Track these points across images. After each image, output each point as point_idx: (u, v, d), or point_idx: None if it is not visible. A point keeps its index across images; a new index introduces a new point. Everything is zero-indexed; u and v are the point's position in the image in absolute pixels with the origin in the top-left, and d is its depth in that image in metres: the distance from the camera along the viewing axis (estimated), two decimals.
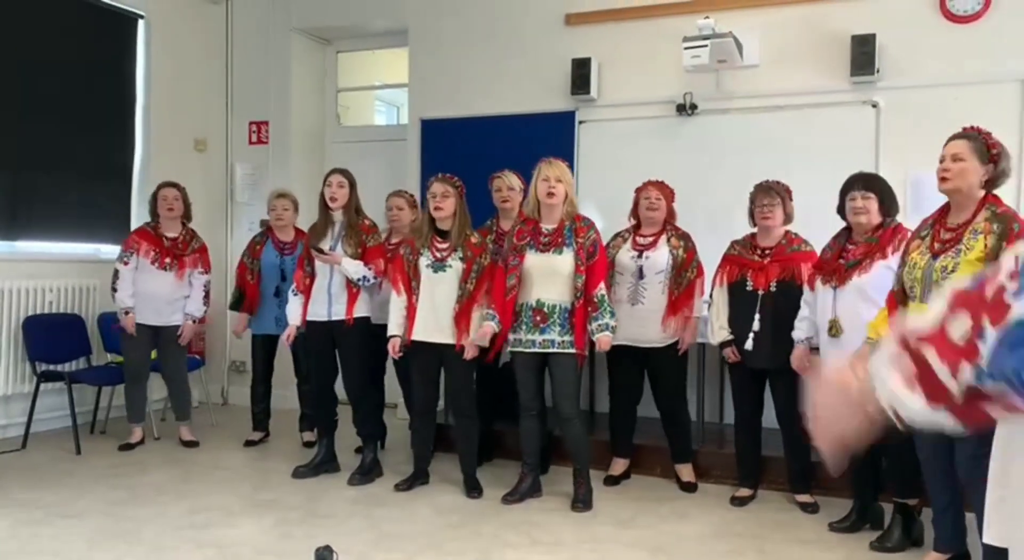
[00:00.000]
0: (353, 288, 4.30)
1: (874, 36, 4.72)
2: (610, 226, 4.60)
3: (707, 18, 4.70)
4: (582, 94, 5.38)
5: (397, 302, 4.16)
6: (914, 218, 3.61)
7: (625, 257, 4.29)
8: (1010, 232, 2.76)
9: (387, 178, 5.59)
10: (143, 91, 6.05)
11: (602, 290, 3.93)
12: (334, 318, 4.32)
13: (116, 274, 4.92)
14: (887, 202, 3.50)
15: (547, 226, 3.97)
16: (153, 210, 5.05)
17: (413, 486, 4.21)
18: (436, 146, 5.83)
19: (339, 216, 4.37)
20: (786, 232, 4.00)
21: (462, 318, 4.03)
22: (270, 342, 5.19)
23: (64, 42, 5.52)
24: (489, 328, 3.94)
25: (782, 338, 3.81)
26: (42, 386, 4.97)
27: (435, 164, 5.30)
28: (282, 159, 6.45)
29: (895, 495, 3.48)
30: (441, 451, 4.57)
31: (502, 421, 4.60)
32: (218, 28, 6.54)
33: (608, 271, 4.22)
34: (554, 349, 3.91)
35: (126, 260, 4.92)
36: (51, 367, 5.07)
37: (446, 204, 4.05)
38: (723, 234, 4.29)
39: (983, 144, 2.88)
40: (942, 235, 2.94)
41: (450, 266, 4.06)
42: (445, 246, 4.09)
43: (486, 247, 4.14)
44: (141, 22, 6.02)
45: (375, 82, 7.23)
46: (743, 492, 4.09)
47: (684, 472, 4.36)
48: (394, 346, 4.15)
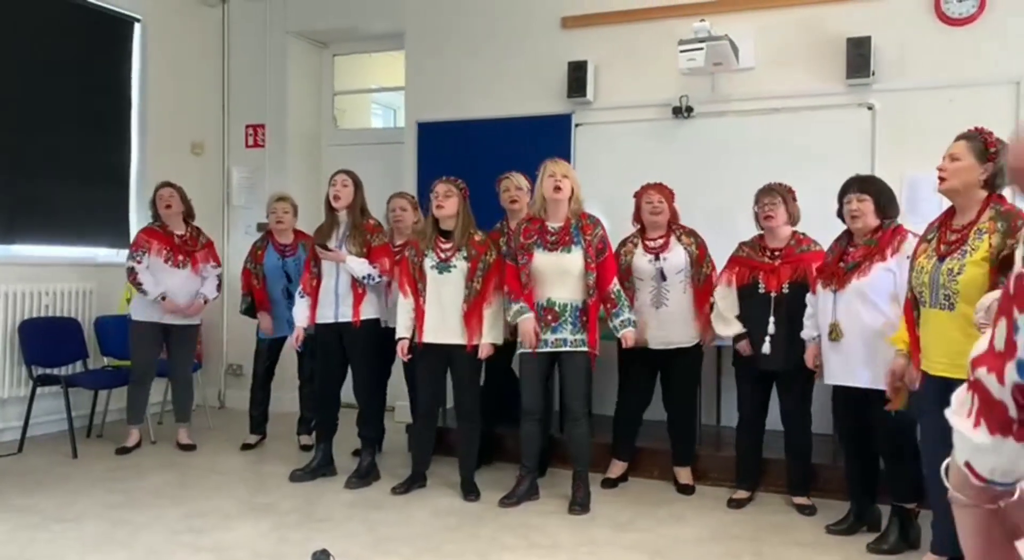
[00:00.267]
0: (359, 288, 4.30)
1: (869, 39, 4.73)
2: (608, 227, 4.59)
3: (703, 21, 4.70)
4: (578, 97, 5.38)
5: (404, 304, 4.16)
6: (910, 220, 3.63)
7: (642, 261, 4.25)
8: (1014, 229, 2.74)
9: (384, 181, 5.59)
10: (139, 94, 6.04)
11: (616, 285, 3.93)
12: (341, 319, 4.32)
13: (132, 273, 4.89)
14: (883, 203, 3.48)
15: (553, 224, 3.97)
16: (155, 211, 5.07)
17: (410, 489, 4.20)
18: (433, 149, 5.83)
19: (344, 216, 4.38)
20: (794, 233, 4.00)
21: (472, 317, 4.02)
22: (277, 345, 5.20)
23: (60, 45, 5.52)
24: (530, 322, 3.89)
25: (796, 339, 3.81)
26: (38, 390, 4.96)
27: (432, 167, 5.30)
28: (279, 162, 6.45)
29: (893, 499, 3.48)
30: (438, 454, 4.57)
31: (504, 424, 4.59)
32: (215, 31, 6.54)
33: (627, 278, 4.21)
34: (567, 348, 3.90)
35: (139, 259, 4.91)
36: (47, 371, 5.06)
37: (448, 203, 4.06)
38: (721, 236, 4.30)
39: (982, 143, 2.87)
40: (948, 237, 2.92)
41: (455, 266, 4.06)
42: (449, 246, 4.09)
43: (490, 244, 4.14)
44: (137, 25, 6.02)
45: (372, 85, 7.23)
46: (740, 494, 4.09)
47: (683, 474, 4.35)
48: (403, 348, 4.15)
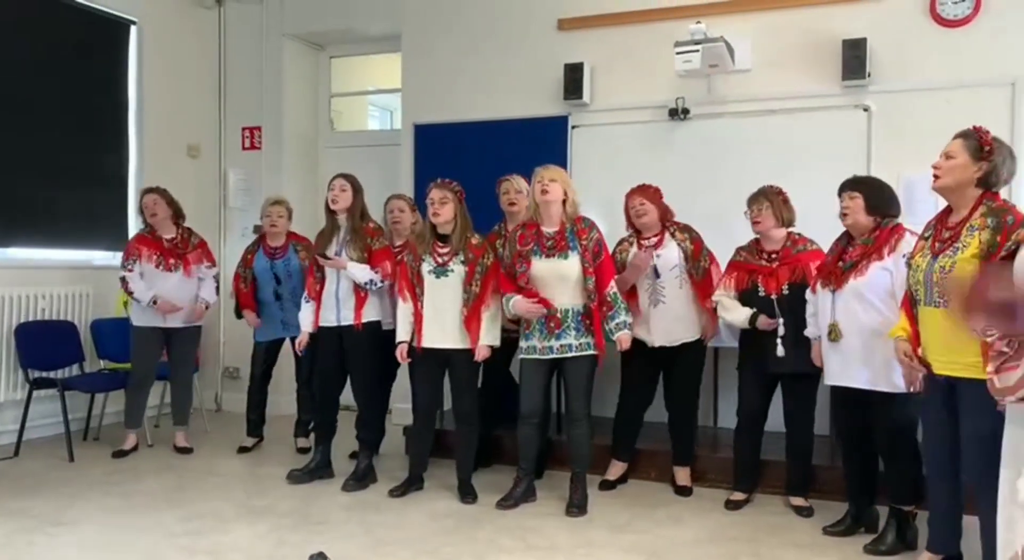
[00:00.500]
0: (361, 292, 4.30)
1: (865, 40, 4.73)
2: (605, 230, 4.57)
3: (699, 23, 4.71)
4: (575, 99, 5.38)
5: (403, 309, 4.16)
6: (907, 221, 3.63)
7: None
8: (1004, 225, 2.76)
9: (381, 183, 5.58)
10: (136, 97, 6.03)
11: (613, 288, 3.92)
12: (343, 323, 4.32)
13: (124, 282, 4.90)
14: (875, 202, 3.47)
15: (548, 229, 3.97)
16: (144, 218, 5.06)
17: (408, 492, 4.20)
18: (430, 151, 5.83)
19: (343, 221, 4.37)
20: (789, 233, 3.99)
21: (471, 321, 4.02)
22: (273, 348, 5.19)
23: (56, 48, 5.51)
24: (522, 302, 3.88)
25: (801, 340, 3.81)
26: (35, 393, 4.94)
27: (429, 169, 5.29)
28: (275, 165, 6.44)
29: (891, 500, 3.49)
30: (436, 457, 4.57)
31: (502, 427, 4.57)
32: (211, 33, 6.53)
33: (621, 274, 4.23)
34: (572, 353, 3.90)
35: (130, 268, 4.92)
36: (44, 374, 5.05)
37: (444, 210, 4.05)
38: (717, 238, 4.31)
39: (976, 141, 2.87)
40: (942, 235, 2.95)
41: (452, 271, 4.05)
42: (446, 251, 4.09)
43: (487, 247, 4.13)
44: (134, 28, 6.01)
45: (368, 87, 7.22)
46: (738, 496, 4.09)
47: (681, 475, 4.35)
48: (402, 352, 4.15)
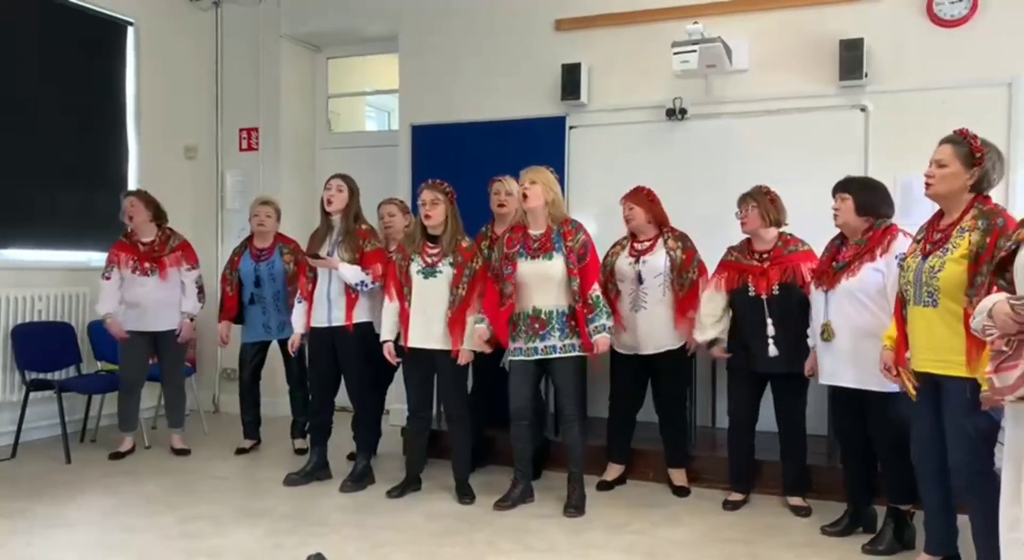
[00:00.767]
0: (352, 293, 4.30)
1: (862, 40, 4.73)
2: (602, 231, 4.60)
3: (696, 23, 4.70)
4: (572, 99, 5.38)
5: (389, 307, 4.17)
6: (903, 221, 3.63)
7: (623, 264, 4.29)
8: (994, 227, 2.79)
9: (378, 184, 5.57)
10: (133, 98, 6.03)
11: (596, 291, 3.92)
12: (334, 323, 4.31)
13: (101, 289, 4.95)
14: (865, 203, 3.47)
15: (535, 231, 3.98)
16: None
17: (405, 493, 4.20)
18: (427, 152, 5.83)
19: (337, 221, 4.37)
20: (780, 234, 3.99)
21: (455, 324, 4.02)
22: (261, 350, 5.18)
23: (53, 49, 5.50)
24: (482, 331, 3.97)
25: (790, 341, 3.81)
26: (32, 395, 4.93)
27: (426, 170, 5.29)
28: (272, 166, 6.43)
29: (889, 500, 3.49)
30: (433, 457, 4.57)
31: (495, 427, 4.58)
32: (208, 35, 6.52)
33: (610, 280, 4.26)
34: (556, 354, 3.91)
35: (108, 275, 4.94)
36: (41, 375, 5.04)
37: (435, 211, 4.05)
38: (714, 238, 4.30)
39: (968, 149, 2.89)
40: (933, 236, 2.98)
41: (441, 272, 4.06)
42: (436, 252, 4.09)
43: (477, 251, 4.14)
44: (130, 29, 6.01)
45: (366, 88, 7.21)
46: (735, 496, 4.09)
47: (677, 476, 4.35)
48: (388, 350, 4.15)
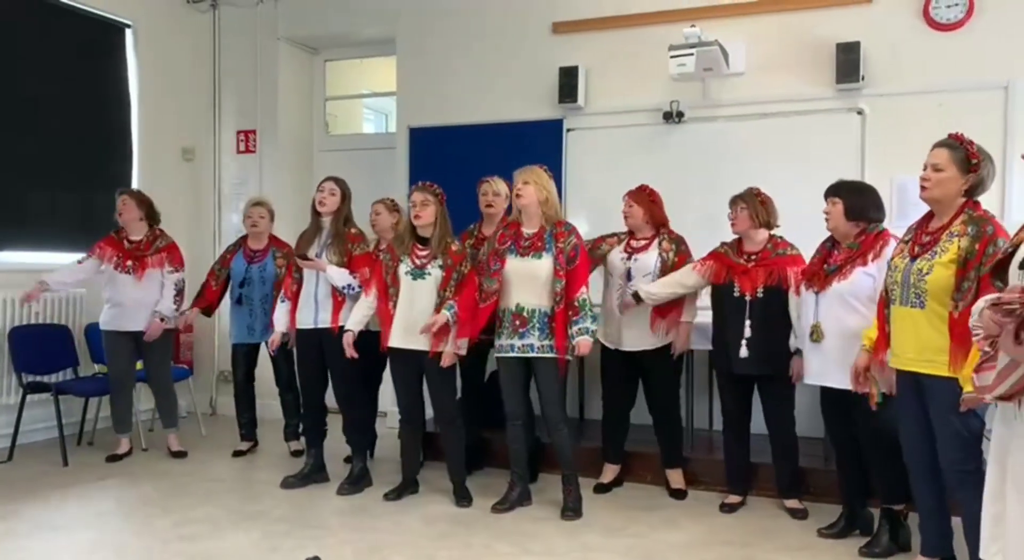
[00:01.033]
0: (339, 296, 4.30)
1: (859, 44, 4.75)
2: (599, 232, 4.60)
3: (693, 26, 4.72)
4: (569, 102, 5.39)
5: (364, 302, 4.16)
6: (899, 224, 3.64)
7: (616, 258, 4.31)
8: (984, 234, 2.81)
9: (375, 186, 5.57)
10: (131, 100, 6.02)
11: (583, 294, 3.92)
12: (320, 325, 4.31)
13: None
14: (855, 208, 3.48)
15: (527, 230, 4.00)
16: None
17: (402, 495, 4.20)
18: (424, 154, 5.83)
19: (327, 224, 4.37)
20: (770, 236, 4.00)
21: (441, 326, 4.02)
22: (252, 351, 5.18)
23: (50, 51, 5.50)
24: (442, 317, 3.90)
25: (771, 344, 3.82)
26: (28, 397, 4.93)
27: (424, 172, 5.29)
28: (270, 168, 6.43)
29: (882, 501, 3.50)
30: (430, 460, 4.57)
31: (491, 429, 4.58)
32: (206, 37, 6.52)
33: (597, 264, 4.29)
34: (534, 353, 3.93)
35: (81, 260, 4.93)
36: (38, 378, 5.03)
37: (425, 213, 4.06)
38: (711, 241, 4.28)
39: (964, 154, 2.91)
40: (922, 239, 3.00)
41: (429, 273, 4.06)
42: (425, 253, 4.09)
43: (466, 255, 4.14)
44: (128, 31, 6.02)
45: (363, 90, 7.22)
46: (732, 499, 4.10)
47: (674, 478, 4.36)
48: (347, 341, 4.08)
